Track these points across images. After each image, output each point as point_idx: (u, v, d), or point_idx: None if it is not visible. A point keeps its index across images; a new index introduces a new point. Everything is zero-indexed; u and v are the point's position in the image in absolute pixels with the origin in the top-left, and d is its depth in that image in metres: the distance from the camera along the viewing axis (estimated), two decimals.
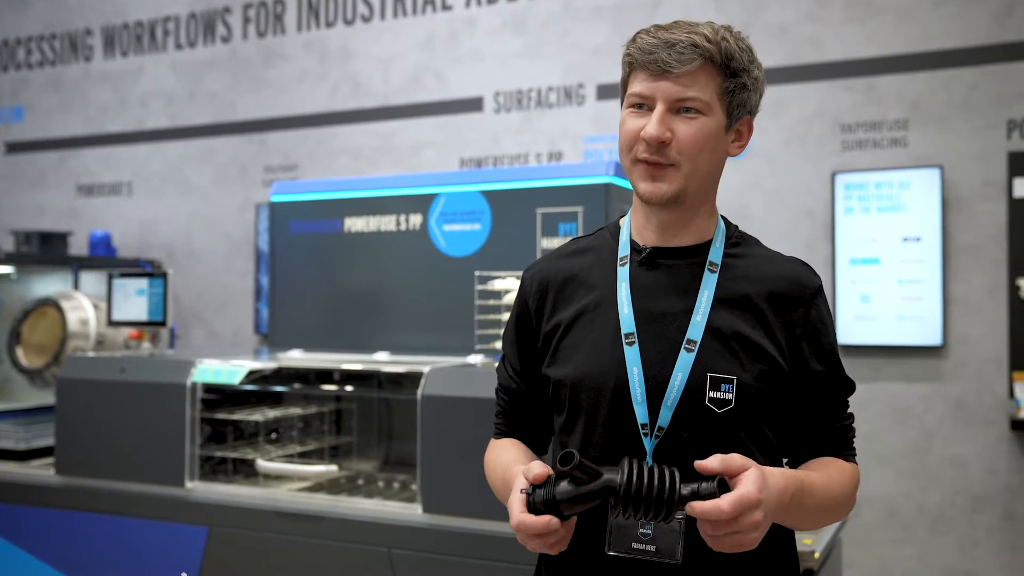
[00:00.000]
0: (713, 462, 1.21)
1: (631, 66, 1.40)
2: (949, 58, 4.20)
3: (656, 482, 1.20)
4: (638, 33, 1.39)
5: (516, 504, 1.27)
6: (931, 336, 4.14)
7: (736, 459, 1.22)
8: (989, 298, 4.10)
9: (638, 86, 1.37)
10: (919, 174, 4.18)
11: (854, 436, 1.46)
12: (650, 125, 1.34)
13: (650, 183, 1.37)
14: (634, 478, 1.20)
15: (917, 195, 4.17)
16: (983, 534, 4.09)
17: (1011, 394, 4.02)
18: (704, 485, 1.20)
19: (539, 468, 1.27)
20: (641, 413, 1.34)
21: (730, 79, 1.37)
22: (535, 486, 1.25)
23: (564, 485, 1.24)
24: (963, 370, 4.14)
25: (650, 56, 1.34)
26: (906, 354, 4.22)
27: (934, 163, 4.19)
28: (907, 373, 4.22)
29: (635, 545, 1.28)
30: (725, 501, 1.17)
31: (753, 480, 1.19)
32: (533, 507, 1.25)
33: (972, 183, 4.14)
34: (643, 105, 1.37)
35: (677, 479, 1.21)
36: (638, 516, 1.22)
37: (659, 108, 1.35)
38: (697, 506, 1.18)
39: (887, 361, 4.24)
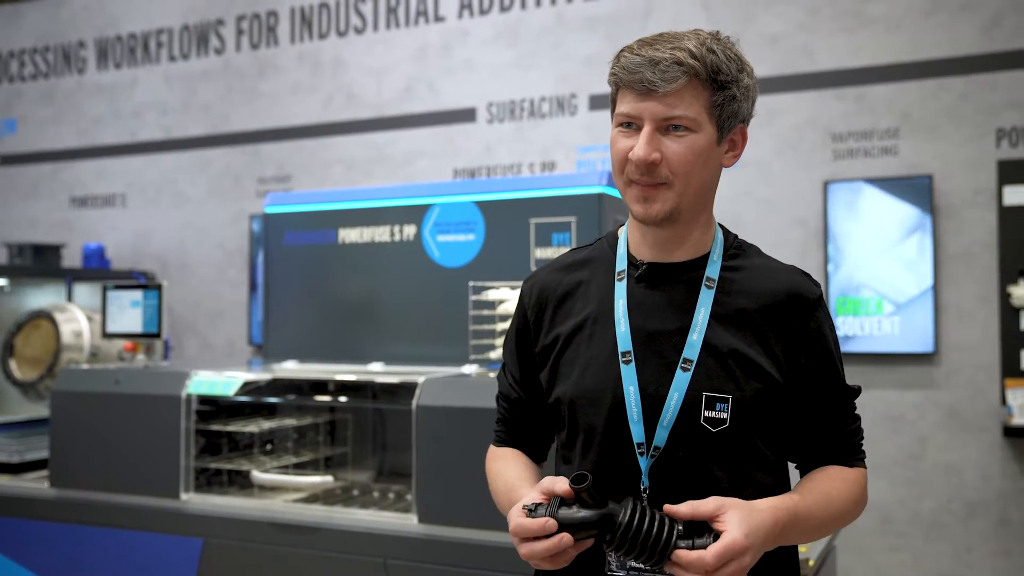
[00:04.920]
0: (683, 508, 1.23)
1: (617, 85, 1.37)
2: (939, 67, 4.24)
3: (655, 530, 1.21)
4: (622, 51, 1.36)
5: (516, 511, 1.28)
6: (923, 343, 4.16)
7: (707, 503, 1.23)
8: (981, 305, 4.12)
9: (625, 106, 1.35)
10: (910, 183, 4.20)
11: (861, 439, 1.45)
12: (638, 147, 1.32)
13: (642, 205, 1.36)
14: (635, 520, 1.21)
15: (908, 203, 4.20)
16: (977, 540, 4.10)
17: (1003, 401, 4.04)
18: (699, 541, 1.21)
19: (549, 483, 1.27)
20: (637, 432, 1.34)
21: (718, 92, 1.33)
22: (538, 504, 1.26)
23: (566, 509, 1.24)
24: (955, 377, 4.15)
25: (634, 76, 1.32)
26: (899, 361, 4.24)
27: (925, 172, 4.22)
28: (900, 380, 4.24)
29: (634, 564, 1.28)
30: (709, 553, 1.18)
31: (739, 525, 1.20)
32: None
33: (962, 191, 4.17)
34: (631, 124, 1.35)
35: (676, 531, 1.22)
36: (630, 556, 1.23)
37: (646, 128, 1.33)
38: (683, 555, 1.19)
39: (880, 368, 4.26)
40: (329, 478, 3.01)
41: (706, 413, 1.33)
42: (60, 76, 6.47)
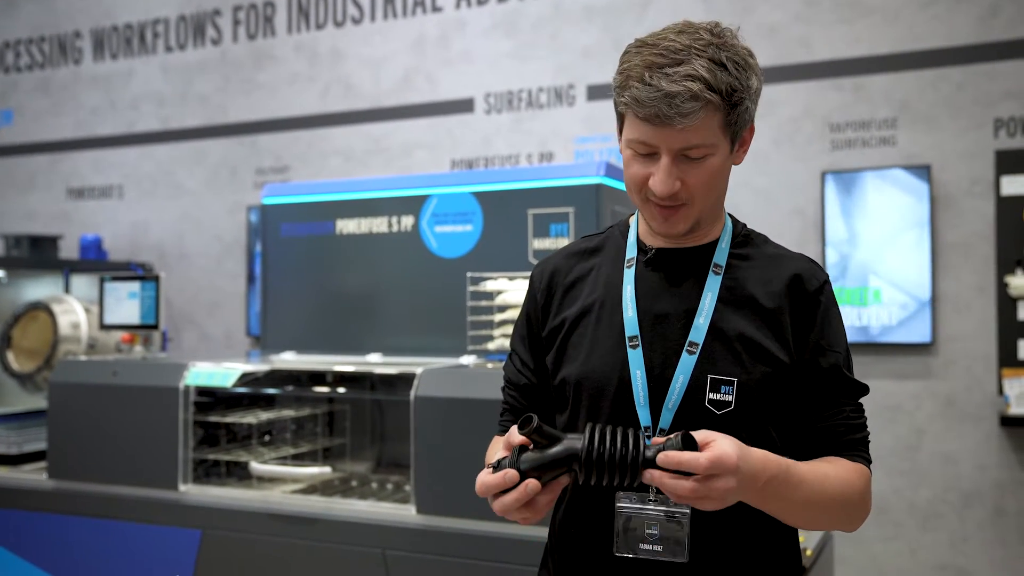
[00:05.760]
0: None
1: (626, 110, 1.33)
2: (936, 58, 4.23)
3: (619, 444, 1.18)
4: (629, 76, 1.30)
5: (483, 472, 1.27)
6: (921, 334, 4.17)
7: (698, 432, 1.21)
8: (978, 295, 4.13)
9: (638, 133, 1.31)
10: (907, 173, 4.20)
11: (864, 438, 1.41)
12: (659, 182, 1.31)
13: (664, 224, 1.37)
14: (595, 442, 1.19)
15: (905, 193, 4.20)
16: (973, 530, 4.11)
17: (1000, 391, 4.05)
18: (670, 441, 1.18)
19: (518, 437, 1.26)
20: (643, 416, 1.35)
21: (732, 111, 1.31)
22: (500, 460, 1.25)
23: (528, 453, 1.23)
24: (953, 367, 4.16)
25: (649, 110, 1.27)
26: (896, 351, 4.25)
27: (922, 162, 4.22)
28: (897, 370, 4.25)
29: (642, 546, 1.28)
30: (704, 456, 1.15)
31: (731, 445, 1.18)
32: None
33: (960, 181, 4.17)
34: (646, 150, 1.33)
35: (641, 440, 1.19)
36: (603, 481, 1.20)
37: (665, 160, 1.31)
38: (673, 456, 1.16)
39: (877, 359, 4.27)
40: (327, 469, 3.02)
41: (711, 396, 1.33)
42: (56, 67, 6.45)
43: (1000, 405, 4.03)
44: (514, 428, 1.27)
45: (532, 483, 1.21)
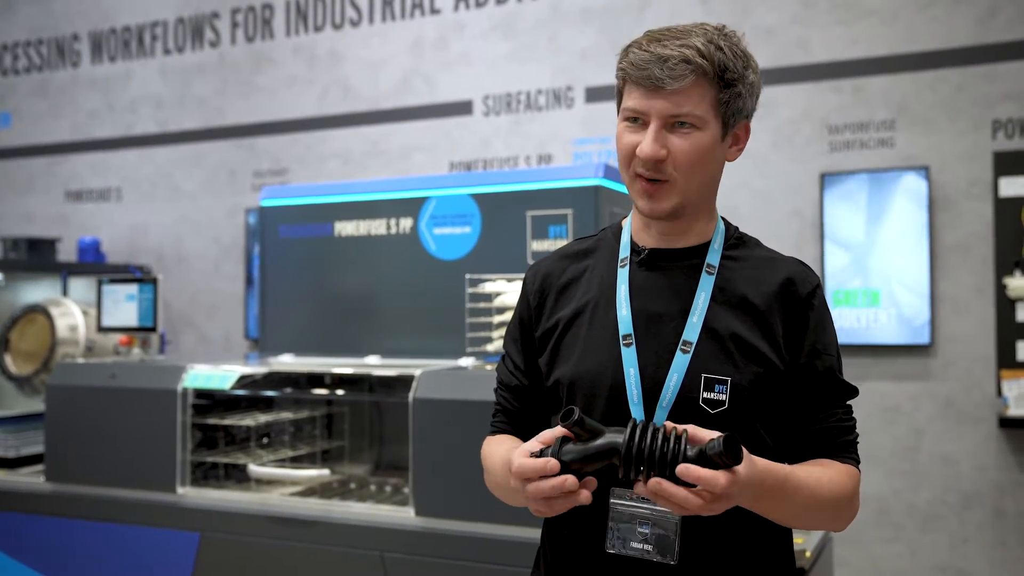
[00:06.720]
0: (689, 427, 1.21)
1: (624, 79, 1.39)
2: (934, 59, 4.23)
3: (660, 441, 1.19)
4: (630, 46, 1.37)
5: (519, 453, 1.26)
6: (919, 335, 4.17)
7: (712, 433, 1.21)
8: (976, 297, 4.13)
9: (632, 101, 1.37)
10: (906, 174, 4.20)
11: (855, 440, 1.42)
12: (644, 144, 1.34)
13: (648, 201, 1.39)
14: (636, 437, 1.20)
15: (904, 195, 4.20)
16: (973, 531, 4.11)
17: (999, 392, 4.05)
18: (712, 443, 1.17)
19: (550, 433, 1.27)
20: (637, 413, 1.35)
21: (725, 90, 1.35)
22: (542, 449, 1.25)
23: (570, 445, 1.24)
24: (951, 368, 4.16)
25: (643, 72, 1.33)
26: (894, 353, 4.25)
27: (921, 163, 4.22)
28: (896, 372, 4.24)
29: (634, 544, 1.28)
30: (724, 478, 1.15)
31: (746, 463, 1.19)
32: None
33: (958, 183, 4.17)
34: (638, 119, 1.37)
35: (684, 439, 1.20)
36: (641, 473, 1.20)
37: (653, 125, 1.35)
38: (693, 471, 1.15)
39: (876, 361, 4.27)
40: (326, 471, 3.01)
41: (704, 395, 1.34)
42: (54, 69, 6.44)
43: (999, 406, 4.03)
44: (556, 428, 1.27)
45: (571, 479, 1.21)
